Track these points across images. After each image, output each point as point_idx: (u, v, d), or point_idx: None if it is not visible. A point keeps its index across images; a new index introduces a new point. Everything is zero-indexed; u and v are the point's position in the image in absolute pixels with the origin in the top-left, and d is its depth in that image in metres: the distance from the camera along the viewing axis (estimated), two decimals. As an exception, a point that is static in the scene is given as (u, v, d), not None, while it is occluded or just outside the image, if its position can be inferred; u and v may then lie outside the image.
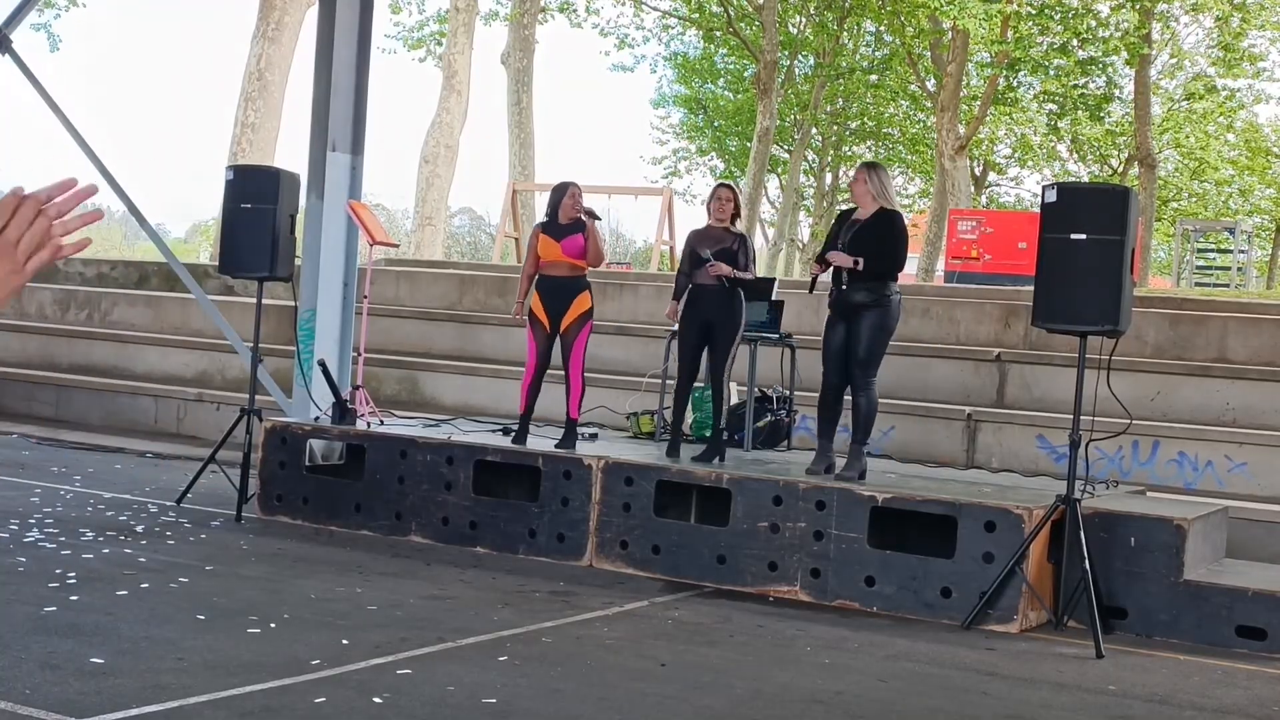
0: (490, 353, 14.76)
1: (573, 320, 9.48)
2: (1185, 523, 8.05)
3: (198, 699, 5.52)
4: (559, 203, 9.60)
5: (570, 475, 9.14)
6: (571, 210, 9.54)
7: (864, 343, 8.78)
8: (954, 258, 21.87)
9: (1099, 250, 7.87)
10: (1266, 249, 41.50)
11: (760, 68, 29.32)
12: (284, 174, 10.35)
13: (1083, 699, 6.56)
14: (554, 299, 9.49)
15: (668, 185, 38.64)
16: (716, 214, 9.47)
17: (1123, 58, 28.85)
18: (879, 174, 9.05)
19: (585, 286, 9.55)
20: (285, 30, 24.45)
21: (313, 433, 10.20)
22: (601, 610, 7.80)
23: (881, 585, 8.27)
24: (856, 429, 8.93)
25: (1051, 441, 11.48)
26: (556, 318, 9.48)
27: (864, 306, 8.76)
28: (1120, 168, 38.26)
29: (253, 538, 9.33)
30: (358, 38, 11.20)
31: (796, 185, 39.71)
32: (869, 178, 8.94)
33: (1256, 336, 12.37)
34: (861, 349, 8.79)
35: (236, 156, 23.77)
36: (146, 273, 18.86)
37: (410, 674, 6.12)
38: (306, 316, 10.99)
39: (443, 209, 27.97)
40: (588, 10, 32.57)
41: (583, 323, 9.51)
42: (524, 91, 28.72)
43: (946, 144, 28.10)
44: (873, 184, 8.89)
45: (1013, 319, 13.12)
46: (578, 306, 9.48)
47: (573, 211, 9.54)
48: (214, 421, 13.84)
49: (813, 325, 12.77)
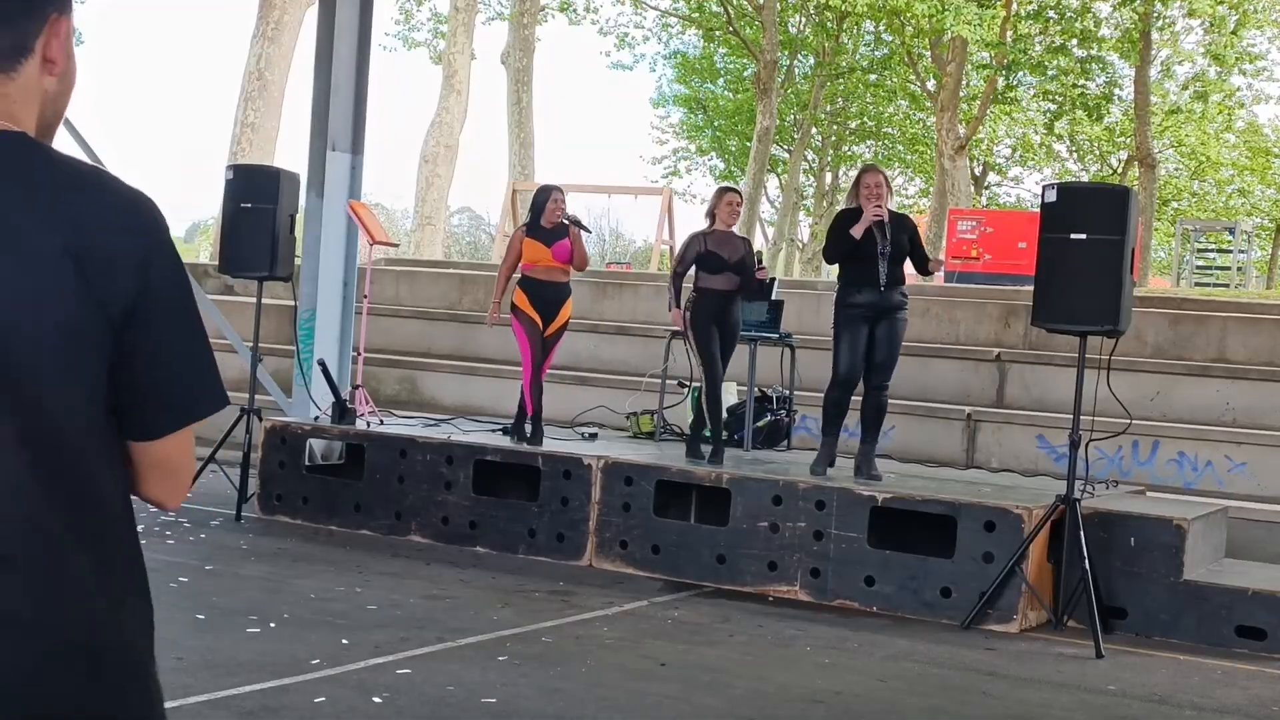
0: (490, 353, 14.74)
1: (559, 326, 9.67)
2: (1185, 523, 8.04)
3: (198, 699, 5.52)
4: (543, 206, 9.66)
5: (570, 475, 9.14)
6: (554, 214, 9.58)
7: (897, 345, 8.85)
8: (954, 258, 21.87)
9: (1099, 250, 7.87)
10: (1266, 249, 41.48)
11: (760, 67, 29.33)
12: (284, 174, 10.35)
13: (1083, 699, 6.56)
14: (544, 302, 9.57)
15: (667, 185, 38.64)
16: (728, 219, 9.43)
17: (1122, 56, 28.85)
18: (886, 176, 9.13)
19: (570, 292, 9.72)
20: (285, 30, 24.44)
21: (312, 432, 10.20)
22: (601, 610, 7.80)
23: (881, 585, 8.27)
24: (874, 430, 8.92)
25: (1051, 441, 11.47)
26: (547, 320, 9.55)
27: (901, 308, 8.81)
28: (1120, 168, 38.26)
29: (252, 537, 9.33)
30: (357, 37, 11.20)
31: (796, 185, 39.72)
32: (886, 180, 8.95)
33: (1256, 336, 12.37)
34: (895, 351, 8.85)
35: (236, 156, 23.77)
36: (146, 272, 18.83)
37: (410, 674, 6.12)
38: (306, 316, 10.99)
39: (443, 209, 27.98)
40: (587, 9, 32.58)
41: (565, 328, 9.74)
42: (524, 91, 28.72)
43: (946, 144, 28.10)
44: (888, 185, 8.92)
45: (1013, 319, 13.11)
46: (565, 312, 9.66)
47: (555, 216, 9.58)
48: (214, 421, 13.75)
49: (813, 325, 12.76)
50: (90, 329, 1.73)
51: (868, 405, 8.92)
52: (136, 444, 1.82)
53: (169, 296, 1.79)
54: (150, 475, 1.85)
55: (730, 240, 9.41)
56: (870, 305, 8.76)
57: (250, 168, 11.08)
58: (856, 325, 8.79)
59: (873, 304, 8.76)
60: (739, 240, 9.50)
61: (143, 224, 1.78)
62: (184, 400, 1.82)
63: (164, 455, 1.84)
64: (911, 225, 9.02)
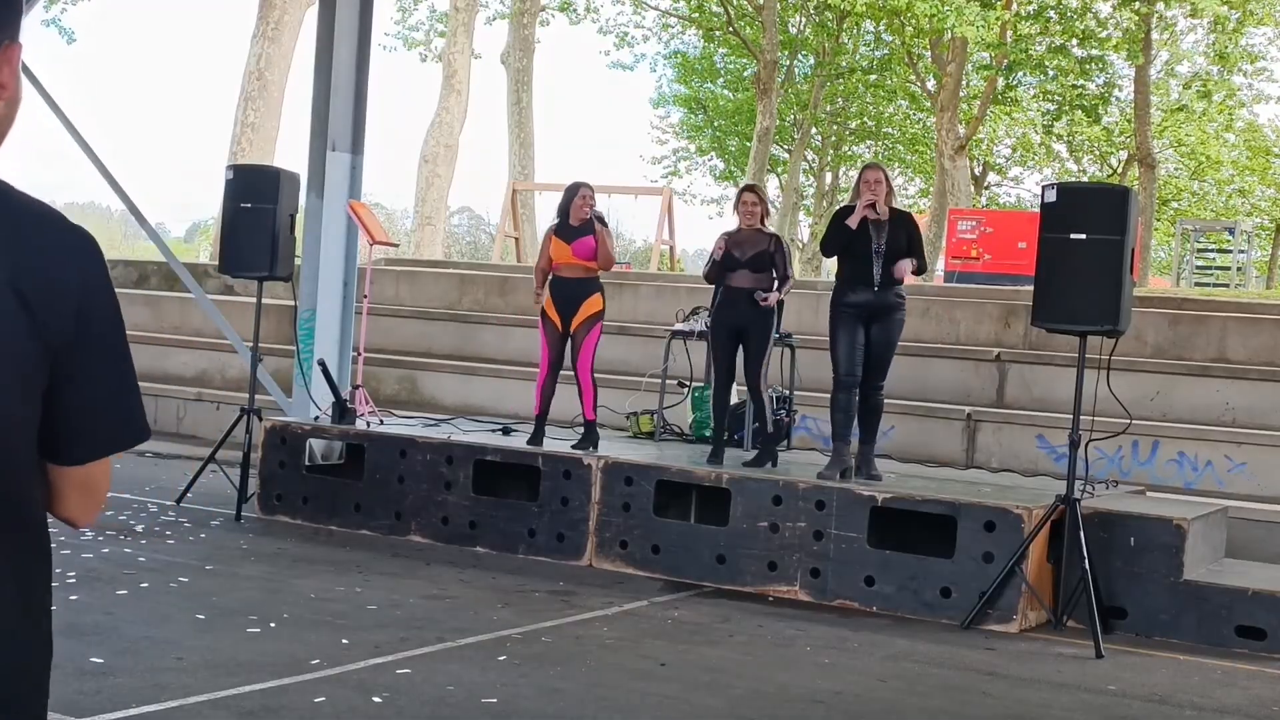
0: (490, 352, 14.76)
1: (582, 321, 9.45)
2: (1185, 523, 8.05)
3: (197, 699, 5.53)
4: (569, 204, 9.59)
5: (570, 475, 9.14)
6: (581, 211, 9.53)
7: (893, 345, 8.83)
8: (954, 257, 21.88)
9: (1099, 250, 7.87)
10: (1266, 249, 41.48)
11: (760, 67, 29.32)
12: (284, 174, 10.35)
13: (1083, 699, 6.56)
14: (565, 300, 9.47)
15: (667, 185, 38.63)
16: (745, 219, 9.44)
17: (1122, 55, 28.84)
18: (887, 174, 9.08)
19: (596, 288, 9.51)
20: (285, 30, 24.45)
21: (312, 432, 10.20)
22: (601, 610, 7.80)
23: (881, 585, 8.27)
24: (871, 431, 8.90)
25: (1051, 441, 11.47)
26: (567, 318, 9.47)
27: (895, 309, 8.78)
28: (1120, 168, 38.27)
29: (252, 537, 9.33)
30: (357, 37, 11.20)
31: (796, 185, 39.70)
32: (887, 178, 8.92)
33: (1256, 336, 12.37)
34: (889, 352, 8.83)
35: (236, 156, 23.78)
36: (146, 272, 18.86)
37: (410, 674, 6.12)
38: (306, 316, 11.00)
39: (442, 209, 27.98)
40: (588, 10, 32.57)
41: (592, 324, 9.47)
42: (524, 91, 28.73)
43: (946, 144, 28.10)
44: (888, 183, 8.89)
45: (1013, 319, 13.12)
46: (588, 308, 9.44)
47: (582, 213, 9.52)
48: (214, 421, 13.84)
49: (813, 325, 12.76)
50: (30, 359, 1.80)
51: (864, 407, 8.90)
52: (57, 467, 1.90)
53: (103, 331, 1.88)
54: (69, 496, 1.93)
55: (751, 238, 9.39)
56: (864, 305, 8.74)
57: (250, 168, 11.08)
58: (851, 324, 8.77)
59: (866, 303, 8.74)
60: (763, 236, 9.40)
61: (83, 260, 1.87)
62: (111, 431, 1.92)
63: (84, 479, 1.93)
64: (913, 225, 8.94)
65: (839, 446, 8.85)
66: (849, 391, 8.84)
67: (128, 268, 19.27)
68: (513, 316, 15.12)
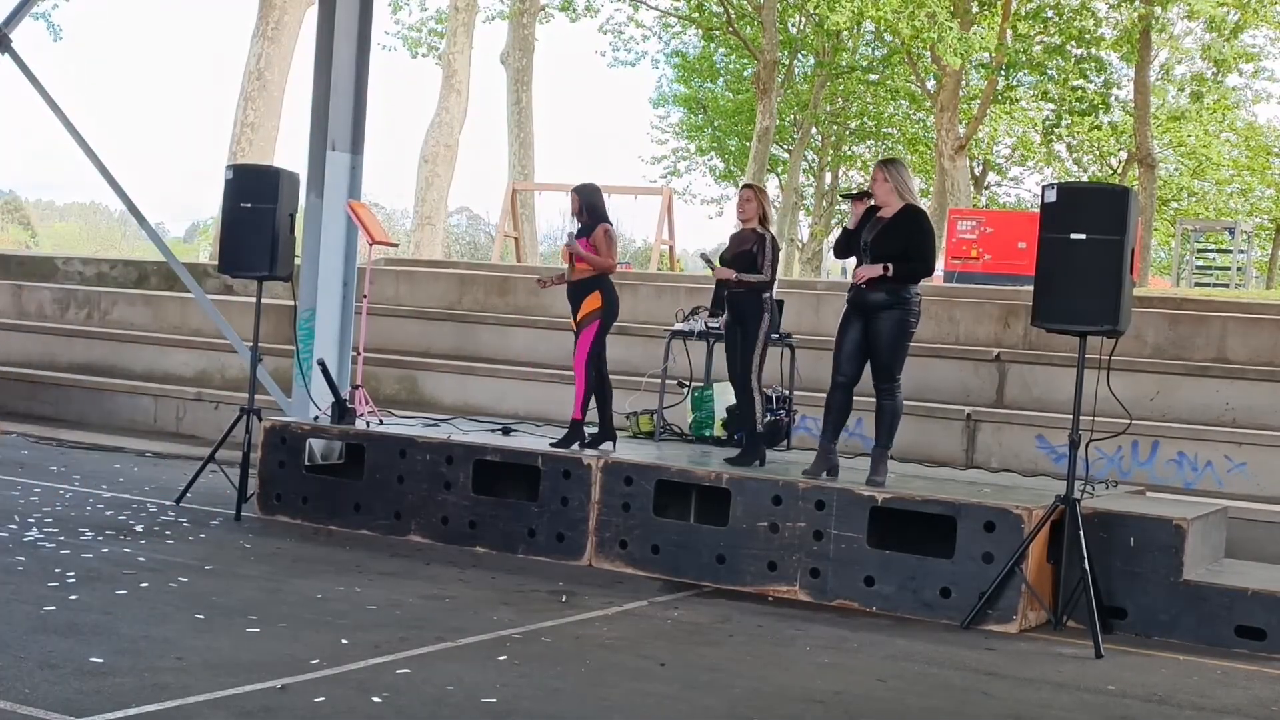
0: (489, 352, 14.76)
1: (581, 318, 9.53)
2: (1185, 523, 8.05)
3: (197, 698, 5.52)
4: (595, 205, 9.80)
5: (570, 475, 9.14)
6: (574, 210, 9.71)
7: (885, 346, 8.58)
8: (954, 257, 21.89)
9: (1099, 250, 7.87)
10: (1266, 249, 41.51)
11: (760, 67, 29.33)
12: (284, 173, 10.35)
13: (1082, 699, 6.57)
14: (571, 300, 9.63)
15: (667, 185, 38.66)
16: (740, 216, 9.57)
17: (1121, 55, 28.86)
18: (897, 169, 8.76)
19: (595, 287, 9.53)
20: (285, 30, 24.46)
21: (312, 432, 10.20)
22: (601, 610, 7.80)
23: (881, 585, 8.27)
24: (881, 433, 8.80)
25: (1051, 441, 11.48)
26: (574, 318, 9.57)
27: (882, 307, 8.54)
28: (1120, 168, 38.27)
29: (252, 537, 9.33)
30: (357, 37, 11.21)
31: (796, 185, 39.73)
32: (888, 174, 8.67)
33: (1256, 336, 12.37)
34: (883, 353, 8.59)
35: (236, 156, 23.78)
36: (146, 272, 18.85)
37: (409, 673, 6.12)
38: (306, 316, 11.00)
39: (442, 209, 27.98)
40: (587, 9, 32.57)
41: (588, 322, 9.49)
42: (524, 91, 28.74)
43: (946, 144, 28.13)
44: (893, 179, 8.63)
45: (1012, 319, 13.12)
46: (586, 306, 9.52)
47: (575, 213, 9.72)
48: (213, 421, 13.84)
49: (813, 325, 12.77)
50: None
51: (877, 408, 8.81)
52: None
53: None
54: None
55: (741, 236, 9.48)
56: (852, 302, 8.75)
57: (250, 167, 11.07)
58: (845, 322, 8.76)
59: (854, 301, 8.73)
60: (753, 235, 9.44)
61: None
62: None
63: None
64: (915, 225, 8.60)
65: (823, 444, 8.80)
66: (839, 389, 8.78)
67: (128, 268, 19.27)
68: (512, 316, 15.13)
